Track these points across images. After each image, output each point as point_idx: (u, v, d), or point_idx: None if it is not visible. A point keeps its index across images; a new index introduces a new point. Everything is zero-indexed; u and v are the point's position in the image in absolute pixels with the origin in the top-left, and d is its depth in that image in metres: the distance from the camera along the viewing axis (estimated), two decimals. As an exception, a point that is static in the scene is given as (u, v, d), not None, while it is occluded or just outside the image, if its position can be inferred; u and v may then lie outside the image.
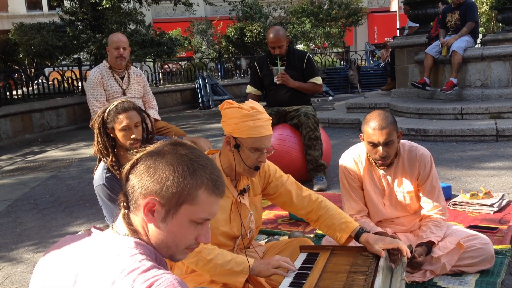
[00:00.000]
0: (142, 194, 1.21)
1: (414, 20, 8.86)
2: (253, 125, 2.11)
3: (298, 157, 4.60)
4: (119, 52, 4.19)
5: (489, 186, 4.23)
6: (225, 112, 2.18)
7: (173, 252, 1.28)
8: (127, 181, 1.25)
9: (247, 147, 2.13)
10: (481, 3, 21.84)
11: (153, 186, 1.20)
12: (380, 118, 2.53)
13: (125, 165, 1.27)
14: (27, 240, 3.83)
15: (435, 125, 6.47)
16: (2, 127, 9.21)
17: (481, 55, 7.10)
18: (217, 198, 1.27)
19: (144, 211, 1.21)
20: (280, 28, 4.69)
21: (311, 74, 4.74)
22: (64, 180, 5.79)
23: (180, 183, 1.20)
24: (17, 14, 27.43)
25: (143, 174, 1.22)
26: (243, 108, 2.14)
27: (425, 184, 2.68)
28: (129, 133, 2.91)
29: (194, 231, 1.26)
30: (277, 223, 3.72)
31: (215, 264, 2.04)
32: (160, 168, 1.20)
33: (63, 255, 1.25)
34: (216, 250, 2.08)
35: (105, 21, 13.19)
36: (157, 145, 1.27)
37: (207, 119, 11.03)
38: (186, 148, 1.26)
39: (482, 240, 2.61)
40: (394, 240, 2.17)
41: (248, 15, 20.00)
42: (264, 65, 4.81)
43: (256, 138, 2.12)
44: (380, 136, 2.51)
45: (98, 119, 2.94)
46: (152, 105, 4.53)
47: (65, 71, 13.09)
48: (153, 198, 1.20)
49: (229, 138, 2.17)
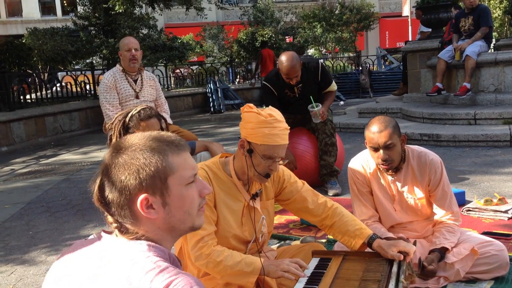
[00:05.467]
0: (127, 201, 1.20)
1: (427, 25, 8.81)
2: (268, 133, 2.09)
3: (312, 161, 4.60)
4: (131, 53, 4.21)
5: (503, 192, 4.19)
6: (244, 116, 2.17)
7: (191, 222, 1.28)
8: (106, 205, 1.24)
9: (260, 153, 2.12)
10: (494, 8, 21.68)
11: (132, 186, 1.19)
12: (380, 122, 2.54)
13: (93, 196, 1.27)
14: (39, 243, 3.86)
15: (448, 130, 6.42)
16: (15, 131, 9.31)
17: (495, 60, 7.04)
18: (185, 152, 1.27)
19: (143, 212, 1.20)
20: (293, 57, 4.33)
21: (327, 83, 4.65)
22: (76, 183, 5.82)
23: (150, 165, 1.20)
24: (31, 19, 27.74)
25: (113, 187, 1.21)
26: (261, 114, 2.12)
27: (437, 190, 2.66)
28: None
29: (193, 191, 1.27)
30: (288, 228, 3.70)
31: (225, 266, 2.04)
32: (122, 172, 1.20)
33: (75, 259, 1.25)
34: (226, 251, 2.08)
35: (117, 26, 13.30)
36: (103, 163, 1.27)
37: (218, 123, 11.05)
38: (123, 143, 1.26)
39: (496, 246, 2.58)
40: (408, 245, 2.13)
41: (259, 19, 20.06)
42: (279, 88, 4.57)
43: (269, 146, 2.10)
44: (379, 139, 2.50)
45: (119, 123, 2.95)
46: (164, 109, 4.55)
47: (78, 75, 13.20)
48: (140, 195, 1.19)
49: (243, 141, 2.16)
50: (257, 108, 2.17)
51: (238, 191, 2.23)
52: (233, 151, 2.31)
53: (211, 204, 2.15)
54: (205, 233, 2.07)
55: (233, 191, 2.23)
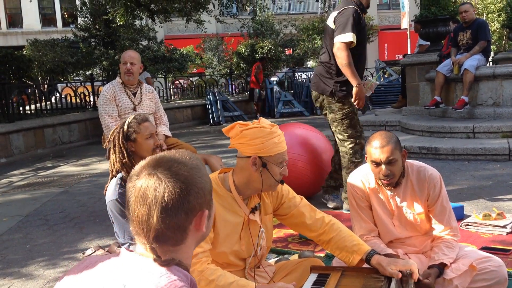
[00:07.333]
0: (185, 224, 1.23)
1: (425, 38, 8.86)
2: (278, 141, 2.15)
3: (305, 168, 4.52)
4: (126, 67, 4.24)
5: (502, 206, 4.19)
6: (245, 134, 2.15)
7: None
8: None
9: (275, 163, 2.15)
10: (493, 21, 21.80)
11: (194, 206, 1.23)
12: (382, 138, 2.55)
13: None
14: (37, 256, 3.84)
15: (447, 144, 6.43)
16: (14, 142, 9.31)
17: (493, 74, 7.07)
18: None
19: (198, 229, 1.25)
20: None
21: None
22: (75, 196, 5.81)
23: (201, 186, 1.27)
24: (32, 31, 27.87)
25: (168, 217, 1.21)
26: (264, 126, 2.16)
27: (436, 205, 2.66)
28: (153, 141, 3.04)
29: None
30: (287, 242, 3.70)
31: (216, 286, 2.00)
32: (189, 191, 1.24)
33: (90, 277, 1.25)
34: (219, 271, 2.04)
35: (117, 37, 13.37)
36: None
37: (217, 135, 11.06)
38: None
39: (495, 262, 2.57)
40: (407, 262, 2.14)
41: (259, 32, 20.16)
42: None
43: (281, 152, 2.17)
44: (381, 154, 2.51)
45: (118, 134, 2.98)
46: (163, 122, 4.56)
47: (78, 86, 13.24)
48: (198, 213, 1.25)
49: (255, 159, 2.15)
50: (252, 123, 2.20)
51: (238, 206, 2.23)
52: (232, 164, 2.32)
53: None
54: (200, 250, 2.05)
55: (233, 206, 2.23)
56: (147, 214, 1.19)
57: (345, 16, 4.03)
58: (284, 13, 28.13)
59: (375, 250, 2.24)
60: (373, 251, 2.21)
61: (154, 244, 1.21)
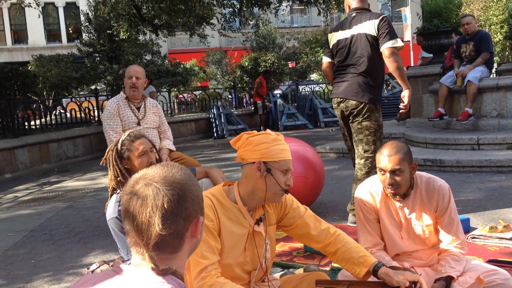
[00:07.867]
0: (182, 231, 1.27)
1: (428, 50, 8.90)
2: (282, 148, 2.20)
3: (301, 184, 4.51)
4: (131, 81, 4.27)
5: (508, 219, 4.16)
6: (251, 140, 2.21)
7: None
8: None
9: (279, 169, 2.18)
10: (495, 32, 21.84)
11: (191, 212, 1.28)
12: (392, 147, 2.57)
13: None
14: (42, 271, 3.83)
15: (452, 156, 6.41)
16: (20, 157, 9.34)
17: (497, 85, 7.07)
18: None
19: (193, 235, 1.31)
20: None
21: None
22: (79, 211, 5.81)
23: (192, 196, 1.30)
24: (37, 46, 28.14)
25: (167, 224, 1.24)
26: (269, 133, 2.23)
27: (444, 217, 2.65)
28: (146, 158, 2.99)
29: None
30: (292, 256, 3.68)
31: None
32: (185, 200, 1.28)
33: None
34: (228, 284, 2.04)
35: (121, 52, 13.47)
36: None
37: (221, 149, 11.07)
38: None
39: (502, 275, 2.55)
40: (414, 275, 2.13)
41: (262, 45, 20.26)
42: None
43: (286, 160, 2.19)
44: (388, 163, 2.53)
45: (112, 152, 2.98)
46: (167, 136, 4.57)
47: (83, 101, 13.32)
48: (194, 219, 1.30)
49: (259, 164, 2.18)
50: (255, 131, 2.27)
51: (243, 217, 2.24)
52: (236, 177, 2.32)
53: (215, 232, 2.14)
54: (208, 263, 2.05)
55: (238, 217, 2.23)
56: (147, 222, 1.24)
57: (388, 23, 4.17)
58: (287, 27, 28.34)
59: (382, 262, 2.23)
60: (380, 263, 2.20)
61: (153, 252, 1.25)
